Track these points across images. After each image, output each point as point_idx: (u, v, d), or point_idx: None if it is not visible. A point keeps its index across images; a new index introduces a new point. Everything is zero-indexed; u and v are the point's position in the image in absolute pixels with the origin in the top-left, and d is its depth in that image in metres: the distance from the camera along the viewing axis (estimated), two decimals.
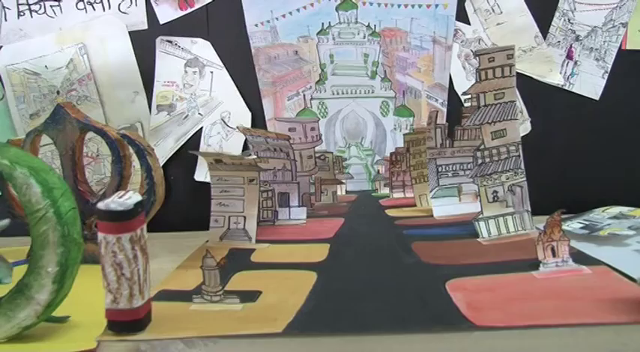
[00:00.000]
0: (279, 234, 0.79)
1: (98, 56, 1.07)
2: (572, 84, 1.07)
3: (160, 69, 1.06)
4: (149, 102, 1.06)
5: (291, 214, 0.83)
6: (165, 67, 1.06)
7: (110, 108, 1.08)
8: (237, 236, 0.74)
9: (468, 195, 0.86)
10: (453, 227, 0.79)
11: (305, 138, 0.87)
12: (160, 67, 1.06)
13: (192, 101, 1.07)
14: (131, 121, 1.09)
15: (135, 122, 1.10)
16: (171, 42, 1.06)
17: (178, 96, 1.07)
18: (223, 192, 0.75)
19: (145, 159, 0.83)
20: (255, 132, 0.77)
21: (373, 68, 1.06)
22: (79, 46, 1.07)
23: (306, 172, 0.88)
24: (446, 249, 0.69)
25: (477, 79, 0.68)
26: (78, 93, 1.09)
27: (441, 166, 0.86)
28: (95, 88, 1.08)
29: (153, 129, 1.07)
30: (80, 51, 1.07)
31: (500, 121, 0.70)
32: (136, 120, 1.09)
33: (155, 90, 1.06)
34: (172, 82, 1.06)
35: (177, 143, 1.08)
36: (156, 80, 1.06)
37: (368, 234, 0.77)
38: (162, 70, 1.06)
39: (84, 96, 1.09)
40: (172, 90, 1.06)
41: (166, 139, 1.08)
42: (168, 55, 1.06)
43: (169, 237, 0.98)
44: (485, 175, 0.71)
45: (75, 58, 1.07)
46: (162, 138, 1.08)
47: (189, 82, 1.06)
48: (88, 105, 1.10)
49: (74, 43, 1.07)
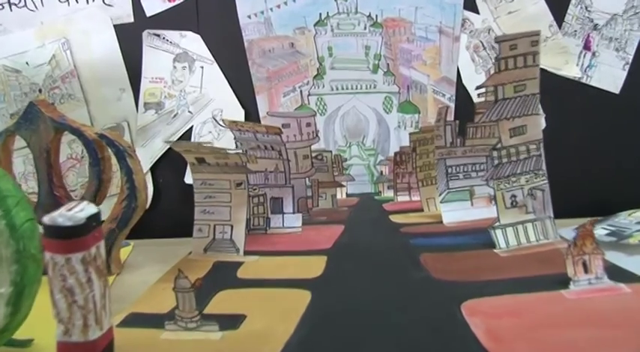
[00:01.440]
0: (271, 244, 0.70)
1: (82, 51, 1.01)
2: (590, 76, 0.99)
3: (147, 64, 1.00)
4: (136, 100, 1.01)
5: (285, 221, 0.74)
6: (153, 63, 1.00)
7: (95, 107, 1.03)
8: (223, 247, 0.65)
9: (480, 198, 0.77)
10: (465, 235, 0.70)
11: (300, 136, 0.78)
12: (147, 62, 1.00)
13: (181, 98, 1.01)
14: (117, 120, 1.03)
15: (121, 121, 1.03)
16: (158, 36, 1.00)
17: (167, 94, 1.01)
18: (208, 198, 0.66)
19: (125, 161, 0.75)
20: (243, 127, 0.68)
21: (375, 61, 1.00)
22: (62, 41, 1.01)
23: (302, 174, 0.79)
24: (459, 262, 0.60)
25: (496, 69, 0.60)
26: (61, 91, 1.03)
27: (451, 167, 0.77)
28: (79, 85, 1.02)
29: (140, 128, 1.01)
30: (63, 46, 1.02)
31: (520, 117, 0.61)
32: (122, 119, 1.03)
33: (142, 87, 1.01)
34: (160, 78, 1.01)
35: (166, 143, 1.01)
36: (143, 76, 1.01)
37: (370, 243, 0.68)
38: (150, 66, 1.01)
39: (67, 94, 1.03)
40: (160, 87, 1.01)
41: (154, 139, 1.02)
42: (155, 50, 1.00)
43: (157, 245, 0.90)
44: (502, 177, 0.62)
45: (57, 54, 1.02)
46: (150, 138, 1.02)
47: (179, 78, 1.01)
48: (71, 103, 1.04)
49: (56, 38, 1.01)
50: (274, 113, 0.80)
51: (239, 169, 0.63)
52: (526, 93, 0.62)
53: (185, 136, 1.03)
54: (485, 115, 0.61)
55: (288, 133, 0.77)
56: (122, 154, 0.75)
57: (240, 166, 0.62)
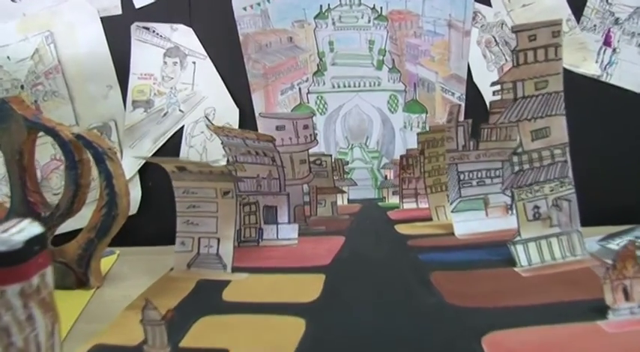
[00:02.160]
0: (264, 258, 0.62)
1: (67, 46, 0.95)
2: (611, 74, 0.92)
3: (135, 60, 0.95)
4: (124, 97, 0.95)
5: (280, 233, 0.66)
6: (142, 58, 0.95)
7: (80, 105, 0.97)
8: (208, 263, 0.57)
9: (496, 208, 0.69)
10: (480, 250, 0.62)
11: (297, 139, 0.70)
12: (136, 57, 0.95)
13: (172, 96, 0.95)
14: (104, 119, 0.97)
15: (108, 120, 0.97)
16: (148, 29, 0.94)
17: (156, 91, 0.95)
18: (191, 208, 0.58)
19: (105, 164, 0.68)
20: (231, 133, 0.60)
21: (379, 57, 0.94)
22: (46, 34, 0.95)
23: (299, 180, 0.71)
24: (475, 283, 0.52)
25: (514, 63, 0.52)
26: (44, 88, 0.97)
27: (463, 173, 0.69)
28: (64, 81, 0.96)
29: (128, 128, 0.95)
30: (46, 40, 0.95)
31: (542, 117, 0.54)
32: (109, 118, 0.97)
33: (130, 84, 0.95)
34: (150, 74, 0.95)
35: (156, 144, 0.96)
36: (131, 72, 0.95)
37: (374, 260, 0.60)
38: (139, 61, 0.95)
39: (51, 91, 0.97)
40: (150, 83, 0.95)
41: (143, 140, 0.96)
42: (145, 44, 0.95)
43: (145, 254, 0.83)
44: (523, 186, 0.55)
45: (41, 48, 0.95)
46: (139, 139, 0.96)
47: (169, 75, 0.95)
48: (55, 101, 0.97)
49: (40, 31, 0.95)
50: (267, 114, 0.72)
51: (225, 177, 0.55)
52: (548, 90, 0.54)
53: (176, 137, 0.96)
54: (503, 115, 0.53)
55: (283, 136, 0.69)
56: (101, 157, 0.68)
57: (226, 174, 0.54)
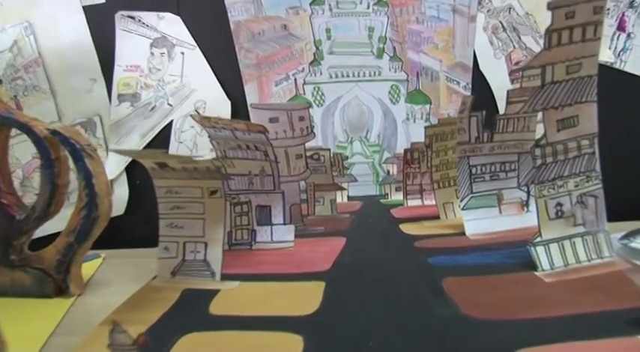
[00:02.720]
0: (257, 264, 0.55)
1: (47, 37, 0.91)
2: (625, 61, 0.88)
3: (120, 51, 0.90)
4: (109, 91, 0.91)
5: (274, 235, 0.60)
6: (127, 49, 0.90)
7: (63, 100, 0.92)
8: (195, 270, 0.51)
9: (510, 204, 0.63)
10: (495, 252, 0.56)
11: (292, 132, 0.63)
12: (121, 48, 0.90)
13: (159, 89, 0.91)
14: (88, 114, 0.92)
15: (92, 115, 0.93)
16: (133, 18, 0.90)
17: (143, 84, 0.91)
18: (175, 209, 0.52)
19: (83, 162, 0.62)
20: (218, 123, 0.53)
21: (380, 45, 0.90)
22: (25, 24, 0.90)
23: (295, 176, 0.65)
24: (493, 291, 0.46)
25: (545, 45, 0.46)
26: (24, 82, 0.92)
27: (475, 167, 0.62)
28: (45, 75, 0.91)
29: (114, 123, 0.91)
30: (26, 31, 0.91)
31: (571, 105, 0.48)
32: (93, 114, 0.92)
33: (115, 76, 0.90)
34: (136, 66, 0.91)
35: (144, 139, 0.91)
36: (116, 65, 0.90)
37: (379, 263, 0.54)
38: (124, 53, 0.90)
39: (31, 85, 0.92)
40: (136, 76, 0.91)
41: (130, 135, 0.92)
42: (130, 34, 0.90)
43: (133, 257, 0.78)
44: (545, 181, 0.49)
45: (19, 40, 0.91)
46: (125, 134, 0.92)
47: (156, 66, 0.91)
48: (36, 96, 0.93)
49: (18, 22, 0.90)
50: (259, 105, 0.65)
51: (212, 174, 0.49)
52: (581, 74, 0.48)
53: (164, 132, 0.92)
54: (527, 104, 0.47)
55: (277, 129, 0.63)
56: (79, 154, 0.62)
57: (213, 171, 0.48)
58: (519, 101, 0.60)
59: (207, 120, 0.54)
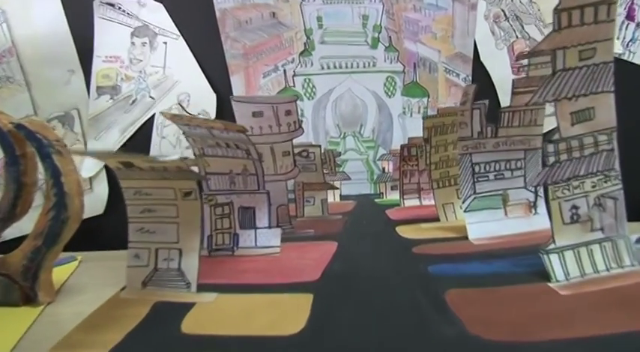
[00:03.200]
0: (238, 273, 0.50)
1: (22, 25, 0.87)
2: (634, 52, 0.83)
3: (99, 41, 0.87)
4: (87, 83, 0.88)
5: (259, 239, 0.54)
6: (107, 38, 0.87)
7: (39, 92, 0.88)
8: (168, 280, 0.46)
9: (517, 206, 0.57)
10: (502, 260, 0.50)
11: (278, 127, 0.58)
12: (100, 38, 0.87)
13: (141, 81, 0.88)
14: (65, 108, 0.88)
15: (70, 109, 0.89)
16: (113, 5, 0.86)
17: (124, 75, 0.88)
18: (146, 213, 0.46)
19: (51, 159, 0.57)
20: (192, 122, 0.47)
21: (374, 34, 0.87)
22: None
23: (282, 175, 0.59)
24: (503, 306, 0.40)
25: (555, 27, 0.40)
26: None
27: (478, 165, 0.57)
28: (19, 66, 0.87)
29: (92, 117, 0.87)
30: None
31: (585, 95, 0.42)
32: (71, 107, 0.89)
33: (94, 68, 0.87)
34: (116, 56, 0.88)
35: (124, 135, 0.88)
36: (95, 55, 0.87)
37: (374, 273, 0.48)
38: (103, 42, 0.87)
39: (5, 76, 0.88)
40: (116, 67, 0.88)
41: (110, 130, 0.88)
42: (109, 23, 0.87)
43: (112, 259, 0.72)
44: (559, 181, 0.43)
45: None
46: (105, 130, 0.88)
47: (137, 57, 0.88)
48: (10, 88, 0.88)
49: None
50: (242, 98, 0.59)
51: (185, 174, 0.43)
52: (595, 61, 0.42)
53: (146, 127, 0.88)
54: (537, 94, 0.42)
55: (262, 124, 0.57)
56: (46, 151, 0.57)
57: (185, 171, 0.42)
58: (526, 92, 0.54)
59: (179, 118, 0.48)
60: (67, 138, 0.87)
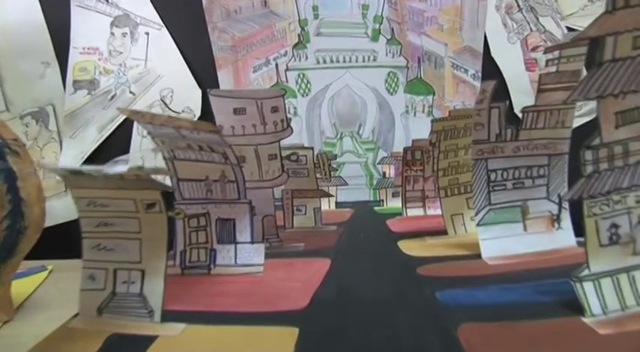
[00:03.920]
0: (212, 297, 0.42)
1: None
2: None
3: (76, 31, 0.82)
4: (63, 77, 0.83)
5: (239, 256, 0.46)
6: (85, 28, 0.82)
7: (12, 86, 0.84)
8: (127, 307, 0.38)
9: (537, 219, 0.49)
10: (523, 286, 0.42)
11: (263, 126, 0.50)
12: (77, 28, 0.82)
13: (121, 75, 0.83)
14: (40, 103, 0.83)
15: (45, 105, 0.84)
16: None
17: (102, 69, 0.83)
18: (102, 227, 0.38)
19: (5, 161, 0.50)
20: (155, 119, 0.39)
21: (375, 25, 0.83)
22: None
23: (268, 181, 0.51)
24: (529, 348, 0.32)
25: (609, 7, 0.32)
26: None
27: (494, 171, 0.49)
28: None
29: (69, 113, 0.82)
30: None
31: (636, 92, 0.34)
32: (46, 103, 0.83)
33: (71, 60, 0.83)
34: (94, 48, 0.83)
35: (102, 133, 0.82)
36: (72, 46, 0.82)
37: (370, 300, 0.40)
38: (81, 33, 0.82)
39: None
40: (94, 60, 0.83)
41: (87, 128, 0.83)
42: (87, 11, 0.82)
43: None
44: (597, 195, 0.36)
45: None
46: (82, 127, 0.83)
47: (117, 49, 0.83)
48: None
49: None
50: (221, 92, 0.52)
51: (145, 183, 0.35)
52: None
53: (126, 124, 0.81)
54: (577, 90, 0.34)
55: (245, 123, 0.49)
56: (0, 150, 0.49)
57: (145, 180, 0.34)
58: (556, 88, 0.46)
59: (140, 116, 0.40)
60: (41, 136, 0.82)
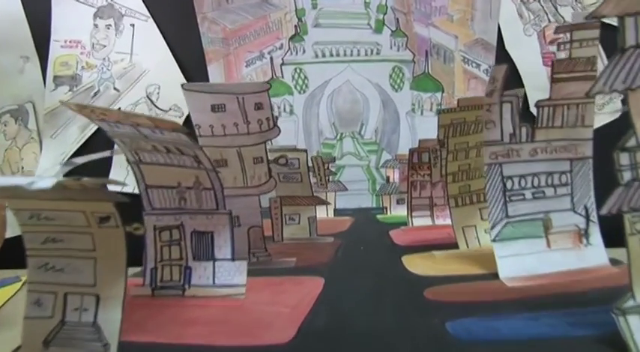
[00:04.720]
0: (183, 325, 0.36)
1: None
2: None
3: (58, 22, 0.80)
4: (43, 72, 0.81)
5: (217, 275, 0.40)
6: (66, 20, 0.80)
7: None
8: (79, 339, 0.33)
9: (562, 234, 0.43)
10: (549, 315, 0.36)
11: (246, 125, 0.44)
12: (59, 19, 0.80)
13: (104, 70, 0.81)
14: (18, 101, 0.81)
15: (24, 102, 0.80)
16: None
17: (85, 63, 0.80)
18: (49, 243, 0.33)
19: None
20: (108, 116, 0.34)
21: (379, 16, 0.79)
22: None
23: (254, 188, 0.45)
24: None
25: None
26: None
27: (510, 179, 0.43)
28: None
29: (49, 112, 0.80)
30: None
31: None
32: (25, 100, 0.81)
33: (52, 54, 0.80)
34: (76, 41, 0.80)
35: (84, 133, 0.79)
36: (52, 39, 0.80)
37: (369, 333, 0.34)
38: (62, 24, 0.80)
39: None
40: (76, 53, 0.80)
41: (68, 127, 0.79)
42: (69, 2, 0.79)
43: None
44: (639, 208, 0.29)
45: None
46: (63, 126, 0.79)
47: (101, 42, 0.80)
48: None
49: None
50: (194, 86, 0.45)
51: (95, 194, 0.29)
52: None
53: None
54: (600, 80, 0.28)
55: (225, 121, 0.43)
56: None
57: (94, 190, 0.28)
58: (571, 78, 0.40)
59: (89, 111, 0.34)
60: (20, 135, 0.80)
